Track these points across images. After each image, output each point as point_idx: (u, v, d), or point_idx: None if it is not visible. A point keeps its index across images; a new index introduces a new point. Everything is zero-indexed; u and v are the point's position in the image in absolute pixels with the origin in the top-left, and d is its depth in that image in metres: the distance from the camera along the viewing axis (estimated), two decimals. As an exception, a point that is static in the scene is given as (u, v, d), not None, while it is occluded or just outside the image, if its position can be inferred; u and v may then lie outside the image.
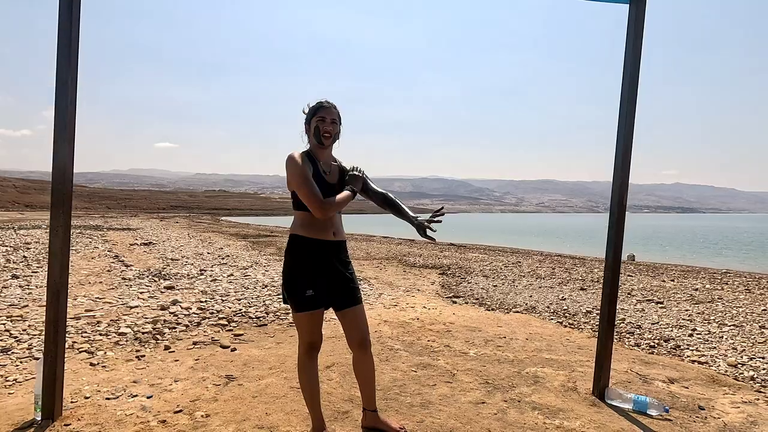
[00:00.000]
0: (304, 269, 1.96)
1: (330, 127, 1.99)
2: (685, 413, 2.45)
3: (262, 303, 5.13)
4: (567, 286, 7.79)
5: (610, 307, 2.53)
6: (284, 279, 2.00)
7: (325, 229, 1.99)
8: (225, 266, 8.36)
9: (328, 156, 2.07)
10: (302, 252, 1.97)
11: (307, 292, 1.94)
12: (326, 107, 2.00)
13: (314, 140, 2.01)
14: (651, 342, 4.27)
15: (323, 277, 1.98)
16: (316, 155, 2.02)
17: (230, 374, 2.89)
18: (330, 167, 2.06)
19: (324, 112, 1.99)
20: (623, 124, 2.47)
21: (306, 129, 2.05)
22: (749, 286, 8.44)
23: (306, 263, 1.96)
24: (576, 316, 5.27)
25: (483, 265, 10.64)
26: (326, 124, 1.98)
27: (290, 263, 1.98)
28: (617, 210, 2.47)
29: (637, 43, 2.45)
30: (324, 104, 2.01)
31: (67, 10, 2.06)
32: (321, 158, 2.03)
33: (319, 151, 2.02)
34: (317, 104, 2.02)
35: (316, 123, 1.98)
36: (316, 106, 2.01)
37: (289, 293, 1.98)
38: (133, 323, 4.05)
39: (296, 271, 1.96)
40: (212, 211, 63.60)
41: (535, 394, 2.64)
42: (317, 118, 1.98)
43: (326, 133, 1.98)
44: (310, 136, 2.03)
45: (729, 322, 5.21)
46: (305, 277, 1.95)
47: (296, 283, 1.95)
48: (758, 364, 3.65)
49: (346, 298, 2.02)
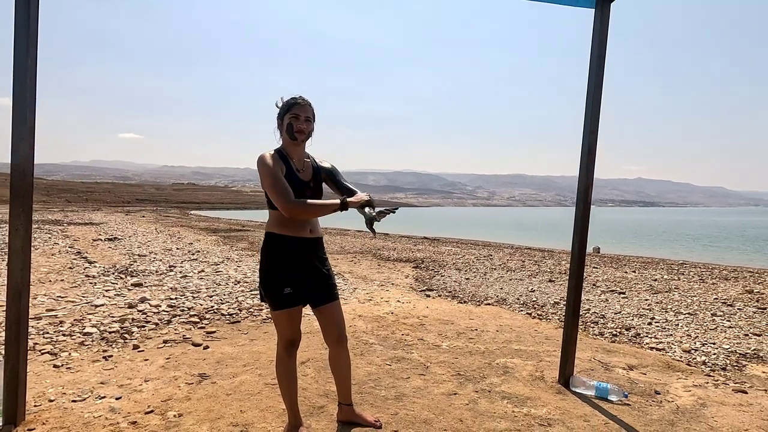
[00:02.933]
0: (281, 267, 1.95)
1: (303, 125, 1.95)
2: (642, 398, 2.61)
3: (234, 299, 5.06)
4: (536, 278, 8.04)
5: (576, 298, 2.65)
6: (261, 277, 1.98)
7: (302, 227, 1.98)
8: (195, 262, 8.18)
9: (301, 153, 2.03)
10: (279, 250, 1.96)
11: (285, 290, 1.93)
12: (300, 104, 1.96)
13: (287, 137, 1.98)
14: (614, 331, 4.49)
15: (301, 274, 1.97)
16: (288, 153, 1.99)
17: (203, 372, 2.86)
18: (303, 164, 2.04)
19: (297, 109, 1.95)
20: (588, 124, 2.57)
21: (279, 125, 2.01)
22: (702, 276, 8.95)
23: (283, 261, 1.95)
24: (544, 307, 5.46)
25: (456, 259, 10.83)
26: (300, 122, 1.95)
27: (267, 261, 1.97)
28: (582, 206, 2.58)
29: (601, 47, 2.55)
30: (298, 101, 1.97)
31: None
32: (294, 156, 2.00)
33: (292, 148, 2.00)
34: (291, 100, 1.98)
35: (289, 120, 1.95)
36: (290, 103, 1.97)
37: (266, 291, 1.97)
38: (98, 322, 3.92)
39: (273, 269, 1.95)
40: (180, 204, 61.71)
41: (504, 384, 2.74)
42: (291, 115, 1.95)
43: (299, 131, 1.95)
44: (282, 132, 2.00)
45: (684, 311, 5.53)
46: (283, 274, 1.94)
47: (274, 281, 1.94)
48: (709, 350, 3.90)
49: (323, 295, 2.03)
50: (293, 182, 1.92)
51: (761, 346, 4.05)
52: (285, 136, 1.99)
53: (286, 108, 1.98)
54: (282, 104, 2.00)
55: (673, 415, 2.39)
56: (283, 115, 1.98)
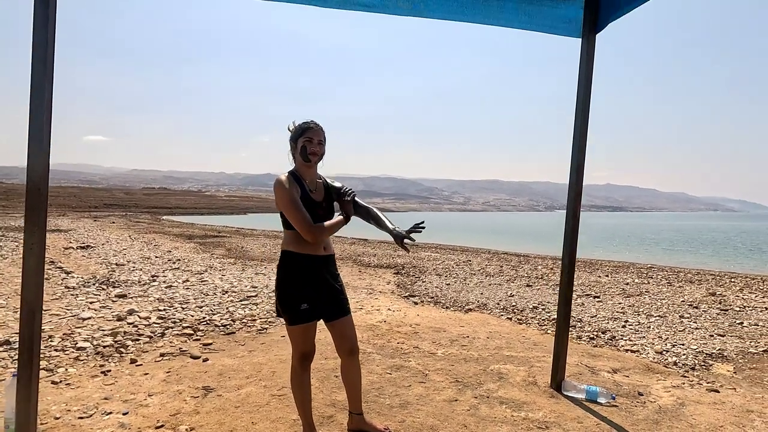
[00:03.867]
0: (298, 284, 2.04)
1: (317, 148, 2.08)
2: (628, 399, 2.82)
3: (225, 310, 5.05)
4: (514, 282, 8.32)
5: (566, 307, 2.84)
6: (278, 294, 2.07)
7: (317, 245, 2.08)
8: (178, 271, 8.05)
9: (314, 174, 2.16)
10: (295, 267, 2.05)
11: (302, 306, 2.02)
12: (313, 129, 2.08)
13: (301, 159, 2.09)
14: (591, 334, 4.74)
15: (315, 290, 2.07)
16: (301, 174, 2.11)
17: (207, 385, 2.89)
18: (315, 185, 2.15)
19: (311, 133, 2.07)
20: (576, 150, 2.77)
21: (292, 147, 2.12)
22: (670, 279, 9.47)
23: (299, 278, 2.04)
24: (524, 312, 5.69)
25: (436, 264, 11.04)
26: (313, 145, 2.07)
27: (284, 278, 2.06)
28: (571, 224, 2.78)
29: (588, 74, 2.75)
30: (311, 126, 2.09)
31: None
32: (306, 177, 2.12)
33: (305, 169, 2.11)
34: (304, 125, 2.10)
35: (303, 143, 2.07)
36: (303, 127, 2.09)
37: (283, 308, 2.05)
38: (90, 336, 3.87)
39: (290, 286, 2.04)
40: (152, 209, 59.87)
41: (501, 390, 2.90)
42: (304, 139, 2.07)
43: (313, 154, 2.07)
44: (296, 155, 2.11)
45: (654, 313, 5.88)
46: (299, 291, 2.03)
47: (291, 297, 2.03)
48: (679, 351, 4.19)
49: (336, 309, 2.13)
50: (306, 203, 2.03)
51: (725, 345, 4.38)
52: (299, 158, 2.10)
53: (299, 132, 2.09)
54: (295, 128, 2.12)
55: (656, 415, 2.60)
56: (297, 139, 2.09)
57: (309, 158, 2.07)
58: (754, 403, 2.83)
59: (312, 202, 2.07)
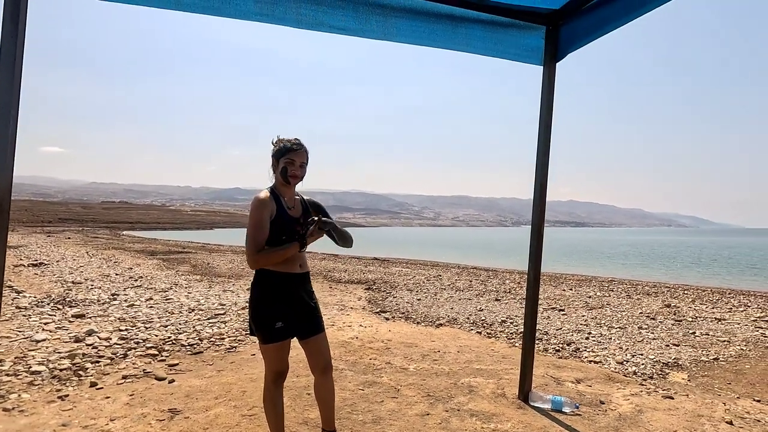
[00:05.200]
0: (273, 302, 2.02)
1: (298, 170, 2.07)
2: (590, 408, 2.94)
3: (192, 329, 4.90)
4: (483, 297, 8.49)
5: (532, 321, 2.95)
6: (252, 312, 2.04)
7: (293, 263, 2.07)
8: (140, 289, 7.74)
9: (292, 192, 2.15)
10: (270, 285, 2.03)
11: (277, 324, 2.00)
12: (296, 150, 2.06)
13: (281, 179, 2.07)
14: (556, 346, 4.90)
15: (290, 308, 2.05)
16: (280, 191, 2.10)
17: (173, 408, 2.80)
18: (294, 202, 2.15)
19: (294, 155, 2.05)
20: (539, 169, 2.92)
21: (273, 164, 2.10)
22: (629, 292, 9.92)
23: (274, 296, 2.02)
24: (493, 326, 5.82)
25: (407, 279, 11.11)
26: (295, 168, 2.06)
27: (258, 297, 2.03)
28: (536, 243, 2.91)
29: (549, 99, 2.93)
30: (294, 147, 2.06)
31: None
32: (285, 194, 2.11)
33: (284, 188, 2.10)
34: (288, 144, 2.06)
35: (284, 164, 2.05)
36: (287, 147, 2.06)
37: (257, 326, 2.03)
38: (45, 359, 3.66)
39: (265, 304, 2.02)
40: (111, 224, 57.30)
41: (471, 403, 2.95)
42: (286, 160, 2.04)
43: (293, 176, 2.06)
44: (276, 172, 2.09)
45: (615, 325, 6.14)
46: (274, 309, 2.01)
47: (265, 316, 2.01)
48: (638, 361, 4.40)
49: (310, 327, 2.11)
50: (284, 219, 2.03)
51: (680, 355, 4.63)
52: (279, 177, 2.08)
53: (282, 151, 2.06)
54: (278, 145, 2.08)
55: (617, 422, 2.73)
56: (279, 158, 2.06)
57: (289, 180, 2.06)
58: (705, 409, 3.01)
59: (289, 219, 2.06)
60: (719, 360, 4.47)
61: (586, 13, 2.66)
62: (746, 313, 7.37)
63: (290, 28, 2.43)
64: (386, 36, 2.57)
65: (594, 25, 2.61)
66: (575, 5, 2.68)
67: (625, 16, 2.40)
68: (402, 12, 2.55)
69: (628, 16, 2.38)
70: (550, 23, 2.87)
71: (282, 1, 2.32)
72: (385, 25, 2.55)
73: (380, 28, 2.54)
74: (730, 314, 7.20)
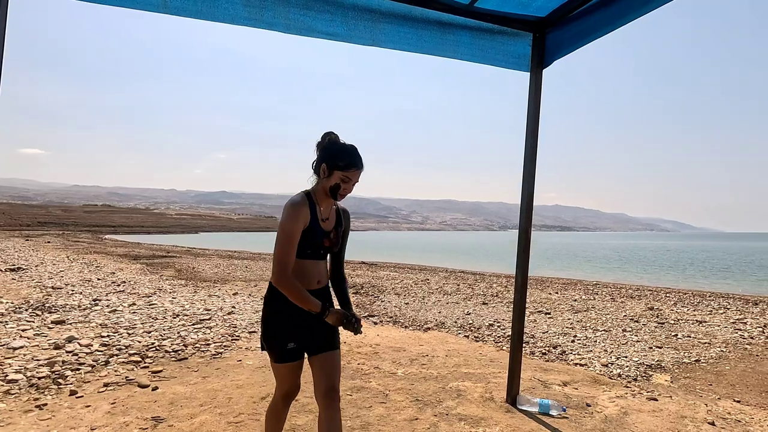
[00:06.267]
0: (285, 320, 1.81)
1: (350, 190, 1.82)
2: (577, 411, 2.97)
3: (177, 335, 4.81)
4: (471, 301, 8.53)
5: (520, 324, 2.97)
6: (263, 329, 1.86)
7: (310, 278, 1.84)
8: (123, 294, 7.58)
9: (330, 201, 1.88)
10: (283, 303, 1.78)
11: (289, 345, 1.81)
12: (358, 168, 1.79)
13: (327, 190, 1.81)
14: (543, 349, 4.95)
15: (305, 327, 1.84)
16: (318, 200, 1.84)
17: (157, 416, 2.74)
18: (329, 212, 1.90)
19: (354, 173, 1.79)
20: (526, 174, 2.96)
21: (321, 168, 1.80)
22: (614, 295, 10.07)
23: (287, 313, 1.80)
24: (480, 330, 5.85)
25: (394, 284, 11.11)
26: (348, 187, 1.80)
27: (270, 314, 1.84)
28: (523, 244, 2.94)
29: (536, 105, 2.97)
30: (357, 162, 1.79)
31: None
32: (323, 203, 1.85)
33: (325, 198, 1.84)
34: (349, 158, 1.78)
35: (339, 180, 1.78)
36: (347, 162, 1.78)
37: (269, 345, 1.85)
38: (22, 367, 3.55)
39: (276, 322, 1.82)
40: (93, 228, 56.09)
41: (459, 407, 2.96)
42: (343, 176, 1.77)
43: (342, 195, 1.82)
44: (322, 180, 1.81)
45: (600, 328, 6.22)
46: (287, 328, 1.82)
47: (277, 335, 1.82)
48: (623, 363, 4.47)
49: (322, 342, 1.88)
50: (314, 232, 1.80)
51: (663, 357, 4.71)
52: (325, 187, 1.81)
53: (341, 164, 1.77)
54: (337, 151, 1.79)
55: (603, 424, 2.76)
56: (334, 168, 1.78)
57: (336, 197, 1.81)
58: (688, 410, 3.07)
59: (321, 232, 1.83)
60: (700, 361, 4.57)
61: (571, 22, 2.71)
62: (726, 315, 7.54)
63: (279, 33, 2.42)
64: (375, 42, 2.58)
65: (579, 33, 2.66)
66: (561, 14, 2.73)
67: (609, 24, 2.45)
68: (390, 18, 2.56)
69: (611, 25, 2.44)
70: (536, 31, 2.91)
71: (271, 6, 2.31)
72: (374, 31, 2.56)
73: (369, 33, 2.55)
74: (711, 316, 7.36)
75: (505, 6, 2.68)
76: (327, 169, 1.79)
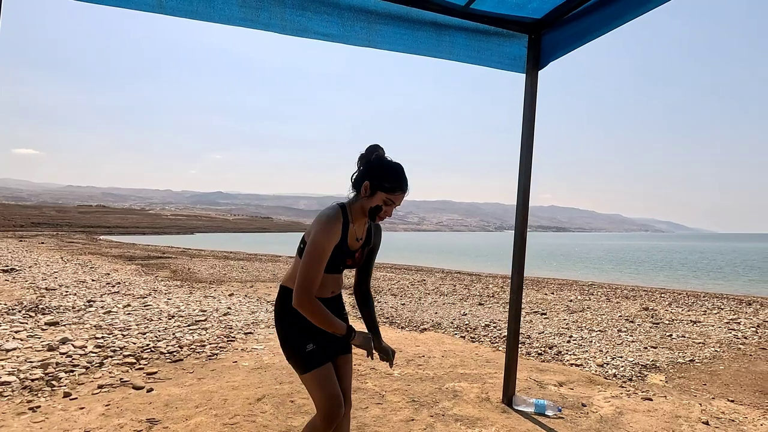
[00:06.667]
0: (298, 323, 1.70)
1: (392, 212, 1.72)
2: (572, 411, 2.98)
3: (172, 336, 4.79)
4: (467, 301, 8.54)
5: (516, 324, 2.98)
6: (280, 336, 1.76)
7: (325, 287, 1.75)
8: (118, 295, 7.54)
9: (364, 219, 1.76)
10: (295, 314, 1.66)
11: (308, 347, 1.69)
12: (404, 192, 1.68)
13: (365, 209, 1.69)
14: (539, 350, 4.96)
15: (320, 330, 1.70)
16: (353, 218, 1.72)
17: (152, 417, 2.72)
18: (362, 231, 1.79)
19: (399, 197, 1.68)
20: (522, 175, 2.96)
21: (363, 185, 1.67)
22: (609, 295, 10.12)
23: (300, 317, 1.67)
24: (476, 330, 5.86)
25: (391, 284, 11.12)
26: (390, 209, 1.69)
27: (283, 318, 1.74)
28: (519, 245, 2.95)
29: (532, 106, 2.98)
30: (404, 185, 1.68)
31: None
32: (357, 221, 1.74)
33: (361, 217, 1.73)
34: (396, 180, 1.66)
35: (382, 201, 1.66)
36: (395, 184, 1.66)
37: (288, 353, 1.72)
38: (15, 369, 3.52)
39: (290, 325, 1.72)
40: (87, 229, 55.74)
41: (455, 407, 2.96)
42: (387, 198, 1.66)
43: (382, 218, 1.72)
44: (363, 199, 1.69)
45: (596, 328, 6.25)
46: (301, 330, 1.70)
47: (293, 339, 1.71)
48: (618, 363, 4.49)
49: (338, 347, 1.81)
50: (341, 251, 1.70)
51: (657, 357, 4.74)
52: (364, 207, 1.69)
53: (387, 185, 1.65)
54: (384, 170, 1.67)
55: (598, 424, 2.77)
56: (378, 188, 1.66)
57: (375, 219, 1.70)
58: (682, 409, 3.09)
59: (345, 252, 1.72)
60: (695, 361, 4.59)
61: (567, 23, 2.73)
62: (720, 315, 7.59)
63: (275, 33, 2.41)
64: (370, 43, 2.58)
65: (575, 34, 2.67)
66: (557, 15, 2.74)
67: (604, 26, 2.46)
68: (386, 19, 2.56)
69: (607, 26, 2.45)
70: (532, 32, 2.92)
71: (266, 7, 2.31)
72: (370, 32, 2.56)
73: (365, 34, 2.55)
74: (705, 317, 7.41)
75: (501, 8, 2.69)
76: (370, 188, 1.66)
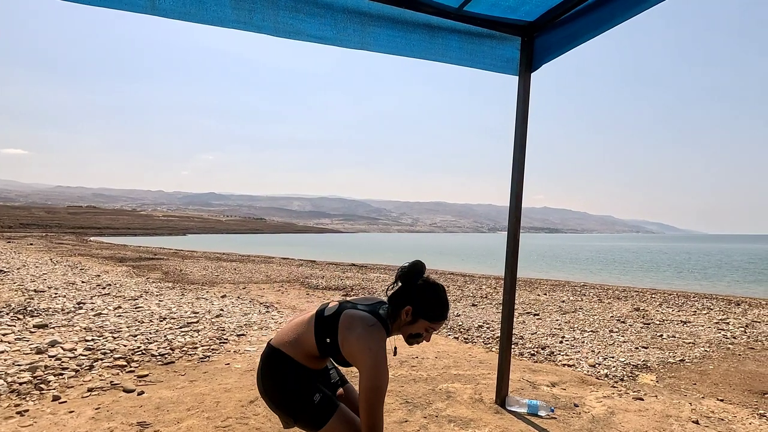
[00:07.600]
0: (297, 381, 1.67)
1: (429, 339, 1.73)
2: (565, 411, 2.99)
3: (163, 338, 4.74)
4: (460, 302, 8.56)
5: (509, 325, 2.99)
6: (279, 401, 1.67)
7: (322, 362, 1.77)
8: (108, 297, 7.45)
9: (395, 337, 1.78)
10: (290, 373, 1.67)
11: (316, 396, 1.65)
12: (444, 321, 1.71)
13: (403, 333, 1.71)
14: (531, 350, 4.98)
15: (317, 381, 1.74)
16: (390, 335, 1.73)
17: (143, 421, 2.69)
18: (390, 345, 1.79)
19: (440, 325, 1.70)
20: (515, 176, 2.98)
21: (404, 309, 1.66)
22: (600, 296, 10.20)
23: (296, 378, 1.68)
24: (470, 331, 5.87)
25: (385, 286, 11.10)
26: (428, 337, 1.71)
27: (277, 381, 1.68)
28: (512, 246, 2.96)
29: (525, 109, 3.00)
30: (447, 315, 1.70)
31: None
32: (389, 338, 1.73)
33: (395, 336, 1.74)
34: (442, 311, 1.68)
35: (423, 330, 1.67)
36: (440, 315, 1.67)
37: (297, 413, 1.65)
38: (3, 372, 3.47)
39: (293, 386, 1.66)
40: (77, 230, 55.06)
41: (449, 408, 2.96)
42: (429, 326, 1.67)
43: (418, 342, 1.73)
44: (403, 325, 1.68)
45: (588, 329, 6.29)
46: (301, 386, 1.66)
47: (296, 397, 1.65)
48: (610, 363, 4.52)
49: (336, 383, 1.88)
50: None
51: (648, 357, 4.78)
52: (404, 333, 1.71)
53: (432, 315, 1.66)
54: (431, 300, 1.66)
55: (590, 424, 2.79)
56: (422, 315, 1.65)
57: (411, 343, 1.73)
58: (672, 409, 3.12)
59: None
60: (685, 361, 4.64)
61: (559, 26, 2.75)
62: (709, 315, 7.69)
63: (268, 35, 2.40)
64: (364, 45, 2.58)
65: (567, 36, 2.69)
66: (549, 18, 2.76)
67: (596, 28, 2.49)
68: (380, 21, 2.56)
69: (599, 29, 2.47)
70: (525, 35, 2.94)
71: (260, 9, 2.30)
72: (363, 35, 2.56)
73: (358, 37, 2.55)
74: (695, 317, 7.49)
75: (494, 10, 2.71)
76: (412, 315, 1.65)
